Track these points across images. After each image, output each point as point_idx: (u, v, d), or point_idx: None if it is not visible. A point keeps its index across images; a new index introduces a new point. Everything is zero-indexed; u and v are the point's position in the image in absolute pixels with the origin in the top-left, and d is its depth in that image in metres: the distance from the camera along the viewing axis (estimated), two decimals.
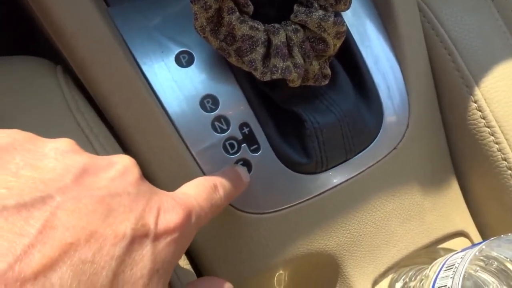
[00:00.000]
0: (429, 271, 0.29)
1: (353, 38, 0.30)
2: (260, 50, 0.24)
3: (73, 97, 0.25)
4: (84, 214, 0.14)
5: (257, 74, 0.25)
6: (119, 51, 0.25)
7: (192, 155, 0.26)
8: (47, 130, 0.24)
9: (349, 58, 0.30)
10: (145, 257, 0.15)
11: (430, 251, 0.34)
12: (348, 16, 0.31)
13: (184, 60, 0.27)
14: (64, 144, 0.17)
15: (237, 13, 0.24)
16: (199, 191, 0.20)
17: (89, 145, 0.24)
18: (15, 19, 0.40)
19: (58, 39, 0.25)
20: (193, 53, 0.27)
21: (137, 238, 0.15)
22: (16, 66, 0.26)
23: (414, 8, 0.32)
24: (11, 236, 0.13)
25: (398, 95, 0.31)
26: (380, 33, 0.31)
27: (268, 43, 0.25)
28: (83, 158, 0.16)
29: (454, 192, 0.34)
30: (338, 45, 0.26)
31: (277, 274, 0.30)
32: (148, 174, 0.26)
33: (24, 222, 0.13)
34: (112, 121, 0.26)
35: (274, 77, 0.24)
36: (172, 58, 0.27)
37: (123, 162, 0.18)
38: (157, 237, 0.16)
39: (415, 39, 0.31)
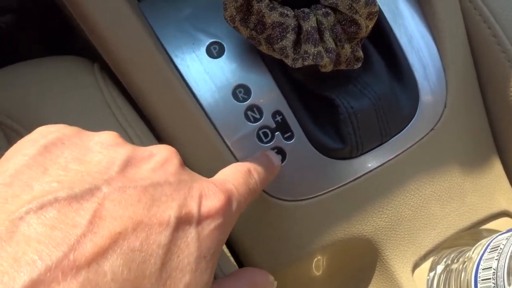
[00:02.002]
0: (472, 253, 0.28)
1: (385, 17, 0.29)
2: (291, 36, 0.24)
3: (110, 93, 0.26)
4: (129, 204, 0.15)
5: (288, 61, 0.24)
6: (151, 46, 0.25)
7: (226, 145, 0.27)
8: (88, 126, 0.25)
9: (381, 38, 0.29)
10: (190, 244, 0.16)
11: (473, 233, 0.33)
12: None
13: (215, 51, 0.27)
14: (108, 137, 0.17)
15: (267, 0, 0.24)
16: (236, 176, 0.21)
17: (127, 139, 0.25)
18: (51, 19, 0.41)
19: (91, 35, 0.26)
20: (224, 44, 0.27)
21: (181, 226, 0.16)
22: (56, 66, 0.27)
23: None
24: (64, 227, 0.13)
25: (434, 74, 0.29)
26: (413, 9, 0.30)
27: (299, 29, 0.24)
28: (126, 150, 0.17)
29: (496, 171, 0.32)
30: (370, 27, 0.25)
31: (315, 259, 0.30)
32: None
33: (75, 214, 0.14)
34: (147, 114, 0.27)
35: (306, 63, 0.24)
36: (203, 50, 0.27)
37: (163, 153, 0.18)
38: (200, 223, 0.17)
39: (451, 14, 0.30)
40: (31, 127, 0.22)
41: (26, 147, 0.16)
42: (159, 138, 0.27)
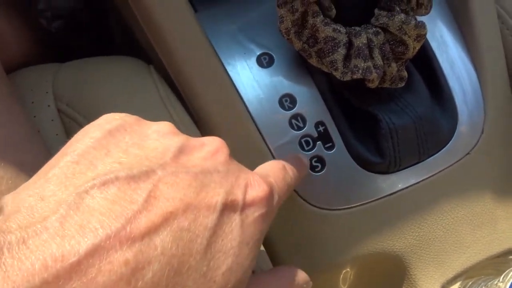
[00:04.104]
0: (501, 282, 0.28)
1: (429, 43, 0.30)
2: (342, 51, 0.25)
3: (166, 93, 0.28)
4: (181, 188, 0.16)
5: (338, 74, 0.26)
6: (208, 52, 0.27)
7: (270, 150, 0.28)
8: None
9: (425, 62, 0.30)
10: (234, 229, 0.17)
11: (499, 262, 0.33)
12: (424, 20, 0.31)
13: (265, 61, 0.29)
14: (165, 127, 0.19)
15: (321, 16, 0.26)
16: (276, 171, 0.22)
17: None
18: (98, 26, 0.44)
19: (153, 37, 0.28)
20: (273, 55, 0.29)
21: (226, 211, 0.17)
22: (118, 65, 0.29)
23: (493, 15, 0.31)
24: (123, 203, 0.15)
25: (474, 100, 0.30)
26: (456, 38, 0.31)
27: (349, 45, 0.26)
28: (180, 139, 0.18)
29: None
30: (417, 48, 0.27)
31: (344, 271, 0.30)
32: None
33: (133, 192, 0.15)
34: (197, 114, 0.28)
35: (355, 76, 0.25)
36: (254, 59, 0.29)
37: (214, 144, 0.19)
38: (244, 210, 0.17)
39: (493, 45, 0.31)
40: (90, 117, 0.24)
41: (93, 131, 0.17)
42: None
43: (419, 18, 0.31)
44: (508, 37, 0.32)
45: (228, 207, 0.17)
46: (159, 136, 0.18)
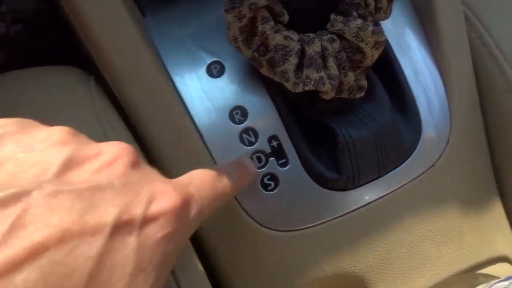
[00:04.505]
0: None
1: (391, 48, 0.28)
2: (293, 60, 0.23)
3: (103, 108, 0.25)
4: (58, 211, 0.14)
5: (289, 85, 0.24)
6: (151, 62, 0.25)
7: None
8: None
9: (387, 69, 0.28)
10: (128, 255, 0.14)
11: (469, 277, 0.32)
12: (387, 25, 0.29)
13: (215, 70, 0.27)
14: (56, 133, 0.16)
15: (272, 22, 0.23)
16: (202, 179, 0.19)
17: None
18: (61, 30, 0.41)
19: (90, 47, 0.25)
20: (224, 64, 0.27)
21: (118, 234, 0.14)
22: (51, 76, 0.26)
23: (459, 18, 0.30)
24: None
25: (439, 109, 0.29)
26: (421, 43, 0.29)
27: (302, 54, 0.24)
28: (68, 149, 0.16)
29: (497, 214, 0.31)
30: (376, 56, 0.24)
31: None
32: None
33: None
34: (140, 131, 0.26)
35: (307, 88, 0.23)
36: (203, 69, 0.27)
37: (113, 151, 0.16)
38: (144, 230, 0.15)
39: (460, 50, 0.29)
40: None
41: None
42: (151, 155, 0.26)
43: (383, 23, 0.29)
44: (475, 40, 0.30)
45: (121, 229, 0.14)
46: (46, 147, 0.15)
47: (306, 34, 0.24)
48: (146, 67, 0.24)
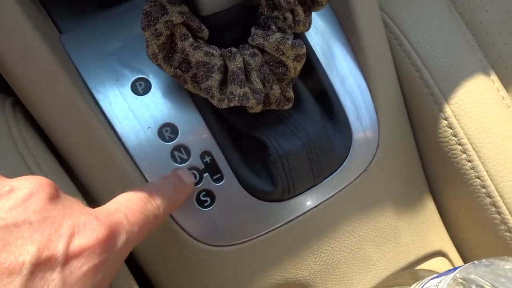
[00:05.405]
0: None
1: (317, 58, 0.29)
2: (216, 76, 0.23)
3: (20, 131, 0.24)
4: None
5: (215, 102, 0.23)
6: (67, 82, 0.24)
7: None
8: None
9: (314, 78, 0.29)
10: None
11: (411, 272, 0.33)
12: (312, 35, 0.30)
13: (140, 87, 0.26)
14: None
15: (191, 39, 0.23)
16: (130, 204, 0.19)
17: None
18: None
19: (2, 69, 0.24)
20: (150, 80, 0.26)
21: (39, 272, 0.14)
22: None
23: (378, 23, 0.31)
24: None
25: (367, 115, 0.30)
26: (346, 51, 0.30)
27: (225, 69, 0.24)
28: None
29: (429, 211, 0.33)
30: (299, 68, 0.25)
31: None
32: None
33: None
34: (64, 155, 0.25)
35: (232, 104, 0.23)
36: (128, 86, 0.26)
37: (28, 186, 0.16)
38: (67, 265, 0.15)
39: (381, 56, 0.31)
40: None
41: None
42: (78, 180, 0.25)
43: (309, 33, 0.29)
44: (396, 46, 0.32)
45: (42, 266, 0.14)
46: None
47: (228, 48, 0.24)
48: (62, 88, 0.23)
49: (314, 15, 0.30)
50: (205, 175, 0.26)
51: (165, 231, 0.25)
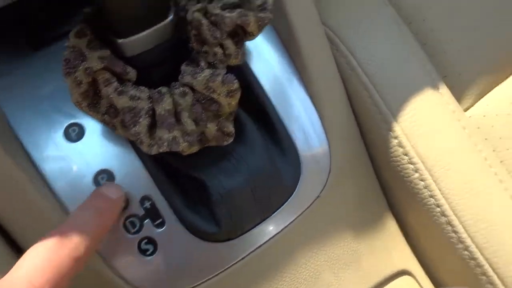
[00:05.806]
0: None
1: (260, 85, 0.28)
2: (144, 121, 0.22)
3: None
4: None
5: (144, 148, 0.22)
6: None
7: None
8: None
9: (258, 108, 0.28)
10: None
11: None
12: (255, 62, 0.29)
13: (73, 133, 0.25)
14: None
15: (115, 83, 0.22)
16: (36, 261, 0.17)
17: None
18: None
19: None
20: (84, 125, 0.25)
21: None
22: None
23: (321, 41, 0.30)
24: None
25: (316, 139, 0.29)
26: (293, 75, 0.29)
27: (154, 112, 0.22)
28: None
29: (391, 231, 0.32)
30: (233, 103, 0.24)
31: None
32: None
33: None
34: None
35: (161, 150, 0.22)
36: (60, 133, 0.25)
37: None
38: None
39: (327, 75, 0.30)
40: None
41: None
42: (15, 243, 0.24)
43: (252, 60, 0.28)
44: (344, 64, 0.31)
45: None
46: None
47: (158, 89, 0.23)
48: None
49: (260, 42, 0.29)
50: (145, 221, 0.25)
51: (105, 284, 0.24)
